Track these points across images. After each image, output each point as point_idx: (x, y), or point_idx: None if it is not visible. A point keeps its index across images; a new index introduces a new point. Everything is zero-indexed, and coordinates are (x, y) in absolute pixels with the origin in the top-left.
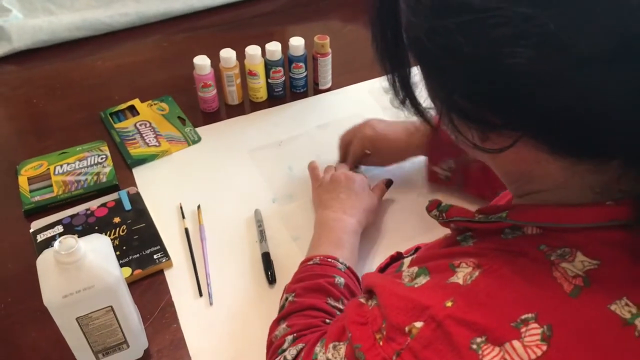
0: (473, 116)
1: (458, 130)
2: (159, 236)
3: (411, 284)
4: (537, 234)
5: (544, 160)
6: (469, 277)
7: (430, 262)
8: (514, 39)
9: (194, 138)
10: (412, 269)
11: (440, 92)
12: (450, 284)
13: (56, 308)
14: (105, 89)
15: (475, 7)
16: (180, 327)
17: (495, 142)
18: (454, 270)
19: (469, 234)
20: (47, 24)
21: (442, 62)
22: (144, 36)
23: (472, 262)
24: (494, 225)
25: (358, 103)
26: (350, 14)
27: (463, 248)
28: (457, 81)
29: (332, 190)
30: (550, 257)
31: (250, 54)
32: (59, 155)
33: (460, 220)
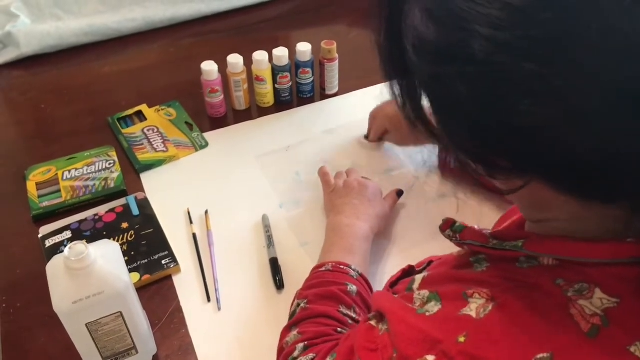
0: (478, 158)
1: (464, 167)
2: (167, 241)
3: (422, 311)
4: (553, 265)
5: (554, 197)
6: (482, 310)
7: (442, 287)
8: (518, 95)
9: (202, 143)
10: (423, 292)
11: (446, 131)
12: (463, 316)
13: (66, 314)
14: (112, 94)
15: (478, 60)
16: (188, 333)
17: (503, 183)
18: (467, 300)
19: (482, 257)
20: (54, 30)
21: (445, 107)
22: (151, 41)
23: (486, 293)
24: (509, 253)
25: (365, 108)
26: (357, 20)
27: (476, 274)
28: (460, 126)
29: (345, 196)
30: (567, 293)
31: (257, 60)
32: (67, 160)
33: (474, 244)
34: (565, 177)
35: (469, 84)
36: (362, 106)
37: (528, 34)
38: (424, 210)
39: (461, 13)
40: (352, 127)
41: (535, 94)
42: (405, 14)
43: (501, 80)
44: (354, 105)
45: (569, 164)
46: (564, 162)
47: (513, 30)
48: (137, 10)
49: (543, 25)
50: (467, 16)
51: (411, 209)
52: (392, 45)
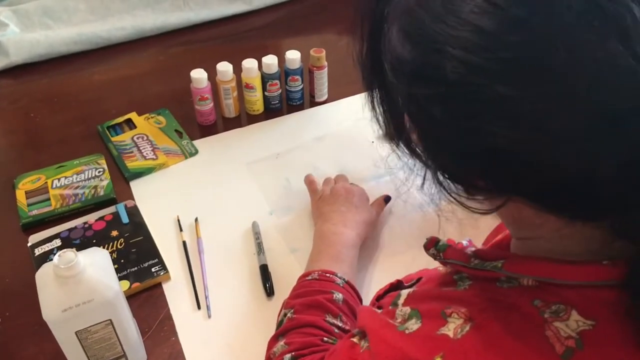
0: (457, 178)
1: (442, 186)
2: (156, 249)
3: (402, 328)
4: (532, 285)
5: (534, 215)
6: (460, 330)
7: (423, 304)
8: (490, 116)
9: (191, 151)
10: (405, 308)
11: (425, 150)
12: (440, 335)
13: (55, 322)
14: (102, 103)
15: (451, 81)
16: (178, 340)
17: (482, 202)
18: (445, 319)
19: (465, 275)
20: (44, 38)
21: (422, 127)
22: (140, 50)
23: (464, 313)
24: (489, 273)
25: (354, 115)
26: (346, 27)
27: (458, 292)
28: (438, 146)
29: (333, 203)
30: (543, 314)
31: (246, 67)
32: (56, 169)
33: (456, 263)
34: (542, 197)
35: (443, 104)
36: (351, 113)
37: (498, 56)
38: (413, 216)
39: (435, 35)
40: (341, 133)
41: (507, 116)
42: (384, 33)
43: (474, 102)
44: (343, 112)
45: (545, 183)
46: (541, 181)
47: (484, 53)
48: (127, 18)
49: (513, 48)
50: (440, 38)
51: (400, 216)
52: (373, 61)
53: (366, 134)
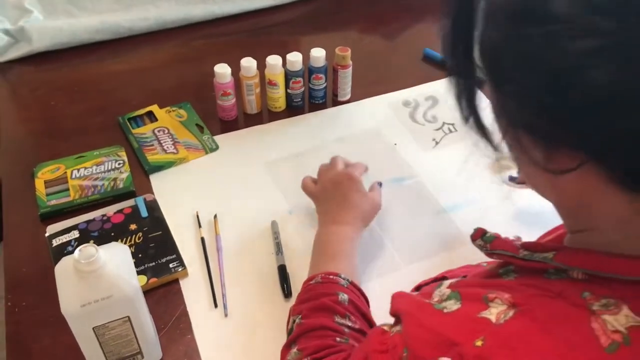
0: (541, 131)
1: (522, 147)
2: (175, 245)
3: (440, 307)
4: (582, 279)
5: (604, 192)
6: (503, 315)
7: (464, 288)
8: (596, 51)
9: (212, 146)
10: (445, 290)
11: (509, 106)
12: (481, 318)
13: (74, 317)
14: (123, 93)
15: (560, 18)
16: (194, 338)
17: (558, 164)
18: (487, 304)
19: (511, 268)
20: (67, 26)
21: (518, 72)
22: (163, 41)
23: (507, 299)
24: (538, 264)
25: (377, 116)
26: (370, 26)
27: (501, 281)
28: (530, 92)
29: (323, 202)
30: (592, 306)
31: (271, 64)
32: (76, 159)
33: (504, 254)
34: (623, 157)
35: (550, 42)
36: (374, 114)
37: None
38: (436, 221)
39: None
40: (363, 134)
41: (612, 51)
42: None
43: (581, 37)
44: (365, 112)
45: (633, 139)
46: (629, 136)
47: None
48: (151, 9)
49: None
50: None
51: (422, 220)
52: (457, 28)
53: (389, 136)
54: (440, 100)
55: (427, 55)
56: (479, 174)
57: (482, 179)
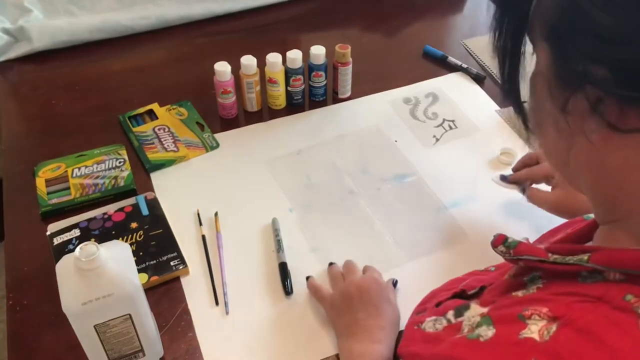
0: (614, 86)
1: (581, 114)
2: (176, 243)
3: (474, 336)
4: (620, 280)
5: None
6: (546, 331)
7: (493, 311)
8: None
9: (212, 144)
10: (473, 318)
11: (578, 65)
12: (524, 340)
13: (75, 315)
14: (124, 92)
15: None
16: (195, 336)
17: (631, 122)
18: (525, 322)
19: (537, 275)
20: (67, 25)
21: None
22: (163, 40)
23: (546, 313)
24: (571, 268)
25: (377, 113)
26: (370, 23)
27: (532, 294)
28: (603, 46)
29: (347, 311)
30: (638, 309)
31: (271, 62)
32: (76, 157)
33: (532, 259)
34: None
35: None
36: (374, 111)
37: None
38: (437, 218)
39: None
40: (364, 131)
41: None
42: None
43: None
44: (366, 109)
45: None
46: None
47: None
48: (151, 8)
49: None
50: None
51: (422, 216)
52: None
53: (389, 133)
54: (441, 97)
55: (428, 52)
56: (480, 170)
57: (483, 175)
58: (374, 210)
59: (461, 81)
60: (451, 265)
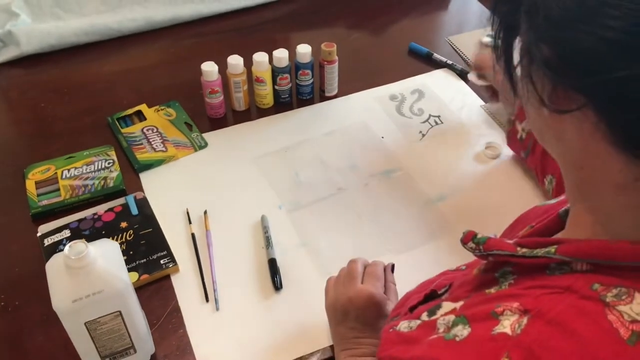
0: (552, 66)
1: (532, 81)
2: (165, 241)
3: (450, 336)
4: (587, 270)
5: (602, 149)
6: (517, 325)
7: (467, 310)
8: (606, 6)
9: (201, 144)
10: (448, 317)
11: (530, 38)
12: (497, 335)
13: (65, 312)
14: (112, 94)
15: None
16: (186, 333)
17: (559, 103)
18: (497, 318)
19: (508, 270)
20: (55, 29)
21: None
22: (151, 41)
23: (517, 307)
24: (540, 260)
25: (364, 110)
26: (356, 22)
27: (505, 290)
28: (548, 30)
29: (339, 323)
30: (604, 298)
31: (257, 61)
32: (66, 159)
33: (501, 254)
34: (621, 109)
35: None
36: (361, 108)
37: None
38: (424, 212)
39: None
40: (351, 128)
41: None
42: None
43: None
44: (353, 107)
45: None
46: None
47: None
48: (138, 10)
49: None
50: None
51: (410, 211)
52: None
53: (376, 129)
54: (426, 94)
55: (413, 49)
56: (465, 164)
57: (468, 169)
58: (362, 205)
59: (446, 77)
60: (438, 258)
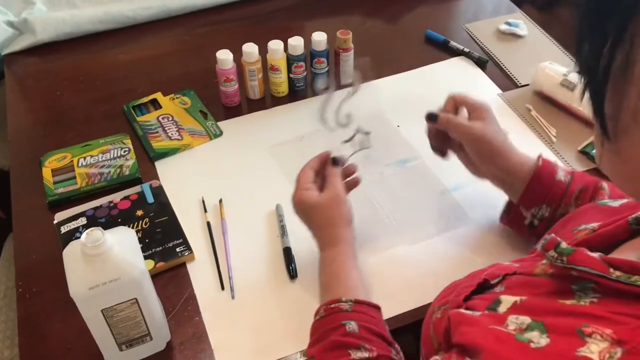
0: None
1: None
2: (181, 229)
3: (524, 339)
4: None
5: None
6: (608, 355)
7: (546, 317)
8: None
9: (216, 132)
10: (522, 317)
11: None
12: (582, 357)
13: (82, 299)
14: (127, 82)
15: None
16: (202, 320)
17: None
18: (584, 339)
19: (589, 286)
20: (70, 17)
21: None
22: (166, 29)
23: (609, 335)
24: (637, 289)
25: (380, 99)
26: (372, 9)
27: (586, 307)
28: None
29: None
30: None
31: (272, 49)
32: (82, 147)
33: (590, 272)
34: None
35: None
36: (376, 97)
37: None
38: (440, 201)
39: None
40: (366, 117)
41: None
42: None
43: None
44: (368, 95)
45: None
46: None
47: None
48: None
49: None
50: None
51: (425, 200)
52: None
53: (391, 118)
54: (443, 82)
55: (429, 37)
56: None
57: None
58: (377, 194)
59: (463, 65)
60: (454, 248)
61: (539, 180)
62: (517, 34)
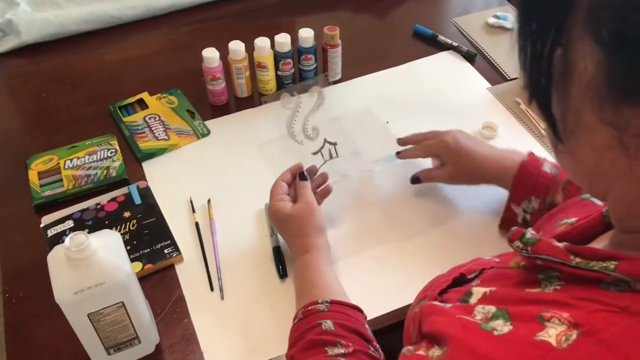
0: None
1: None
2: (169, 230)
3: (488, 328)
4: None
5: None
6: (564, 338)
7: (510, 306)
8: None
9: (203, 131)
10: (488, 307)
11: (626, 70)
12: (540, 342)
13: (67, 304)
14: (114, 82)
15: None
16: (191, 322)
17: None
18: (543, 324)
19: (554, 274)
20: (55, 18)
21: None
22: (152, 29)
23: (567, 318)
24: (595, 274)
25: (368, 95)
26: (360, 5)
27: (550, 294)
28: None
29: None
30: None
31: (259, 46)
32: (68, 149)
33: (552, 260)
34: None
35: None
36: (365, 93)
37: None
38: (429, 197)
39: None
40: (355, 113)
41: None
42: None
43: None
44: (357, 91)
45: None
46: None
47: None
48: None
49: None
50: None
51: (414, 196)
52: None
53: (380, 114)
54: (431, 77)
55: (418, 31)
56: None
57: None
58: (366, 191)
59: (452, 59)
60: (444, 243)
61: (525, 172)
62: (505, 27)
